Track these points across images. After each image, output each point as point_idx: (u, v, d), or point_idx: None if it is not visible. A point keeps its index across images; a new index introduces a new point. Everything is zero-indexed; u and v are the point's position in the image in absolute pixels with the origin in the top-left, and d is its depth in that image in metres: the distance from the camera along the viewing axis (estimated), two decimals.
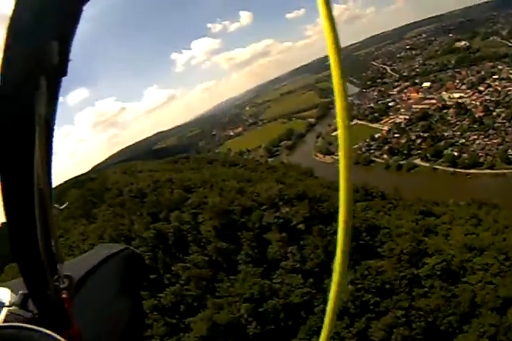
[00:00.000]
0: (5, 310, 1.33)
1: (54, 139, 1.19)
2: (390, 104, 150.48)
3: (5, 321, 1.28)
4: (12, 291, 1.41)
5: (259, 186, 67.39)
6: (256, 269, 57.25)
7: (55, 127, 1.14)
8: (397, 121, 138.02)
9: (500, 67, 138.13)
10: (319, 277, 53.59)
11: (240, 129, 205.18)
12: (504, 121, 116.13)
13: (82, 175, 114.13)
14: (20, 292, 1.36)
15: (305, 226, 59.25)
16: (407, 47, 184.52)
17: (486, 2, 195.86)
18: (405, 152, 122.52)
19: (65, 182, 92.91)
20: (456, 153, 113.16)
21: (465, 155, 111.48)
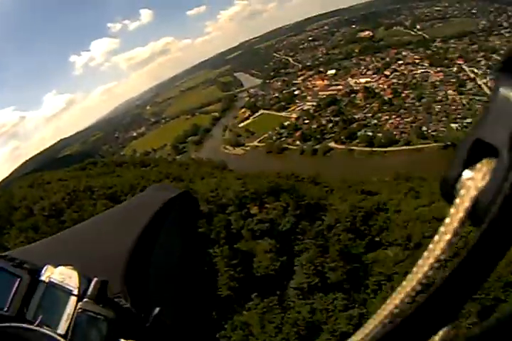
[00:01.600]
0: (82, 303, 0.94)
1: None
2: (295, 93, 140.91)
3: (76, 319, 0.93)
4: (79, 273, 0.98)
5: (202, 183, 48.55)
6: (270, 299, 36.29)
7: None
8: (305, 108, 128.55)
9: (404, 53, 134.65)
10: (348, 291, 36.83)
11: (142, 129, 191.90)
12: (414, 100, 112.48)
13: None
14: (96, 279, 0.96)
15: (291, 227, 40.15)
16: (310, 38, 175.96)
17: None
18: (318, 136, 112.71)
19: None
20: (370, 133, 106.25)
21: (380, 134, 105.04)
